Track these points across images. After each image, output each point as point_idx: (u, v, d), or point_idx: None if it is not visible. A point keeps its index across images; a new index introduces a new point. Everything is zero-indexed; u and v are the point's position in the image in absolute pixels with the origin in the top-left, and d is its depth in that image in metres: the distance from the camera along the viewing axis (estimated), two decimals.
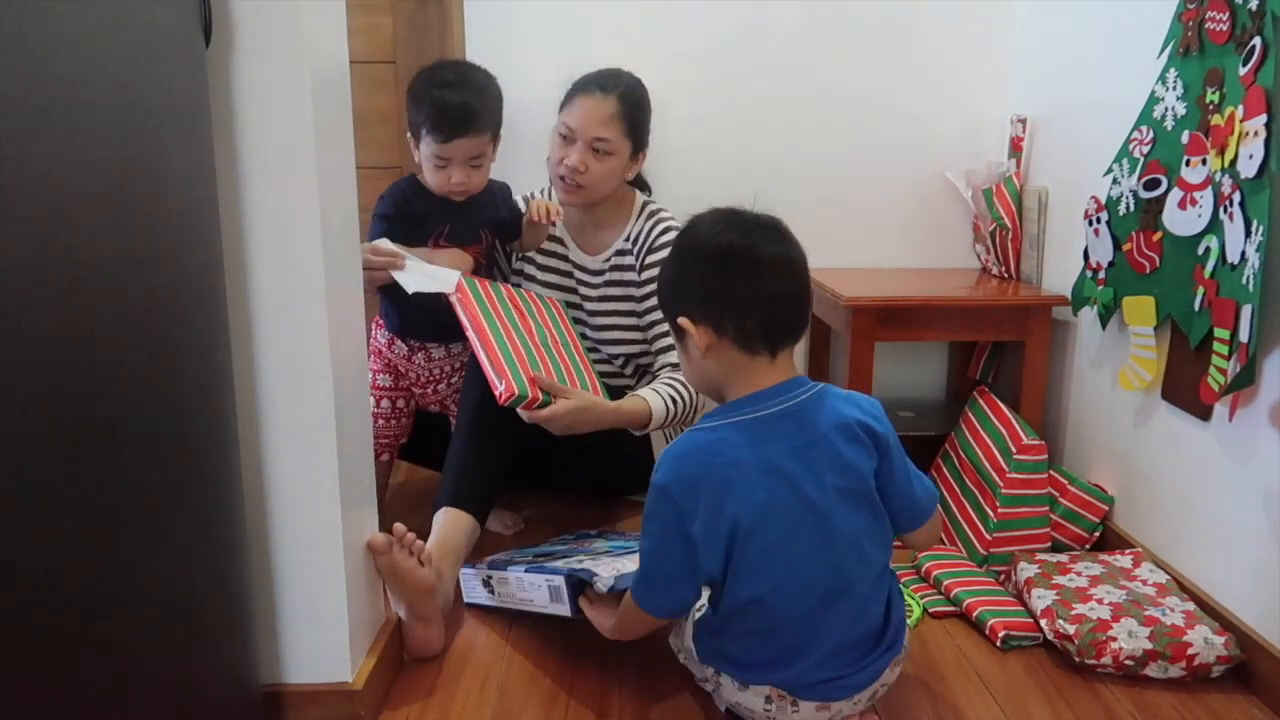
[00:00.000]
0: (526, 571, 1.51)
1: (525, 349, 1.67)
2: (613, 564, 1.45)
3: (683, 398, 1.78)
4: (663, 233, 1.93)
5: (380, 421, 1.90)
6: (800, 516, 1.17)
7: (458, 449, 1.70)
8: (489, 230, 1.88)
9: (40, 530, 0.79)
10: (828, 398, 1.23)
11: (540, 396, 1.58)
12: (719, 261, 1.19)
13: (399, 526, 1.39)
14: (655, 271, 1.89)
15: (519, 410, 1.58)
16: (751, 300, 1.18)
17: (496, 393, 1.55)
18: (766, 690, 1.23)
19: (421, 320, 1.86)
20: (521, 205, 1.96)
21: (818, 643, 1.20)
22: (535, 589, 1.50)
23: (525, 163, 2.18)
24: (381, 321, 1.93)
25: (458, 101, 1.71)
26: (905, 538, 1.31)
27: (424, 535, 1.52)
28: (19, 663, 0.77)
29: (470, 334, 1.62)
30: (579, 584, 1.42)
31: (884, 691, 1.28)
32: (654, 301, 1.86)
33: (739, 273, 1.17)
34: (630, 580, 1.31)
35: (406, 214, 1.78)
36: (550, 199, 1.99)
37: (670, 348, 1.84)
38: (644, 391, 1.75)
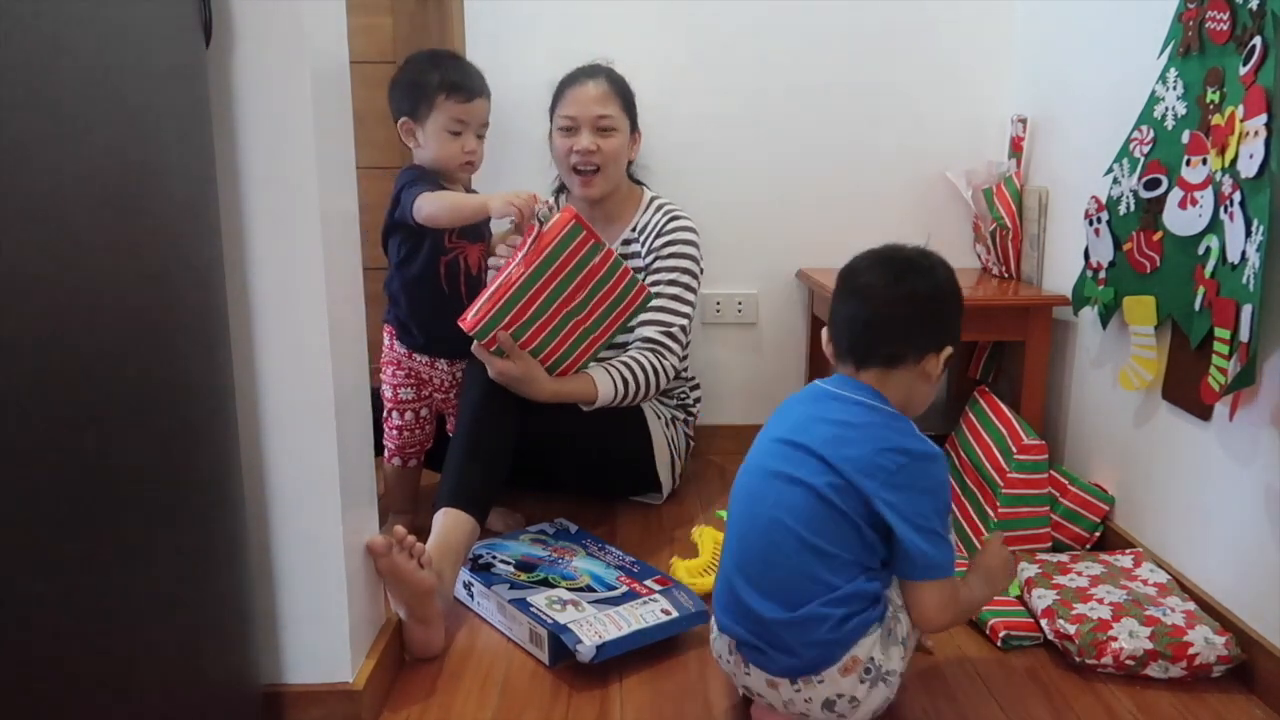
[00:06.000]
0: (511, 602, 1.52)
1: (538, 311, 1.68)
2: (596, 619, 1.46)
3: (636, 376, 1.83)
4: (670, 220, 1.98)
5: (405, 433, 1.90)
6: (776, 454, 1.28)
7: (457, 449, 1.70)
8: (488, 229, 1.90)
9: (40, 531, 0.79)
10: (895, 420, 1.27)
11: (495, 345, 1.68)
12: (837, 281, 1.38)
13: (399, 529, 1.39)
14: (662, 253, 1.95)
15: (473, 347, 1.69)
16: (834, 317, 1.35)
17: (464, 317, 1.66)
18: (729, 639, 1.28)
19: (445, 337, 1.78)
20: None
21: (744, 574, 1.26)
22: (517, 623, 1.52)
23: (525, 163, 2.19)
24: (393, 329, 1.88)
25: (471, 65, 1.78)
26: (907, 598, 1.26)
27: (424, 536, 1.52)
28: (19, 662, 0.77)
29: (510, 267, 1.66)
30: (559, 639, 1.42)
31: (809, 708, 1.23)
32: (657, 278, 1.94)
33: (836, 292, 1.35)
34: (613, 649, 1.39)
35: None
36: (562, 202, 2.01)
37: (647, 323, 1.91)
38: (595, 369, 1.80)
